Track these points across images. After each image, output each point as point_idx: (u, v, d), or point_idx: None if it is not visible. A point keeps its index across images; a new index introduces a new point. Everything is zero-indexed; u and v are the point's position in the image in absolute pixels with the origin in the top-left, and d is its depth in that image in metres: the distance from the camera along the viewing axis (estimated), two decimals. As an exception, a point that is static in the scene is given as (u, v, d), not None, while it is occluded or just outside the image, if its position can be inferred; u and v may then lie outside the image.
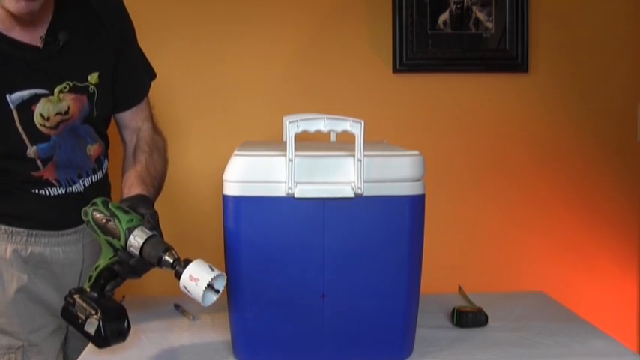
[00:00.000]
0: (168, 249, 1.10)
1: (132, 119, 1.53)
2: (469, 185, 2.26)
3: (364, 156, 1.13)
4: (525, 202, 2.27)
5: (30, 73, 1.34)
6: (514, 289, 1.95)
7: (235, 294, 1.18)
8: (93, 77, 1.41)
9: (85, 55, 1.40)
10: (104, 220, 1.15)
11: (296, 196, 1.13)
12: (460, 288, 1.64)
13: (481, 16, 2.20)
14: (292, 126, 1.12)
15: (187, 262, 1.07)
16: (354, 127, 1.13)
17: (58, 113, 1.37)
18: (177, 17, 2.13)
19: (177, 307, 1.54)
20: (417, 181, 1.18)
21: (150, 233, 1.12)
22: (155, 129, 1.56)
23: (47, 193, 1.42)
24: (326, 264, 1.16)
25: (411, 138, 2.15)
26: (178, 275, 1.06)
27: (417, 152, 1.20)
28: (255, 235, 1.15)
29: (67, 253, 1.48)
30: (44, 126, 1.36)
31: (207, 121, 2.19)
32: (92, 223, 1.17)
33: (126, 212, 1.15)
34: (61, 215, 1.45)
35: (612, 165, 2.28)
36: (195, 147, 2.17)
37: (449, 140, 2.24)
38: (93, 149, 1.48)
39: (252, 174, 1.15)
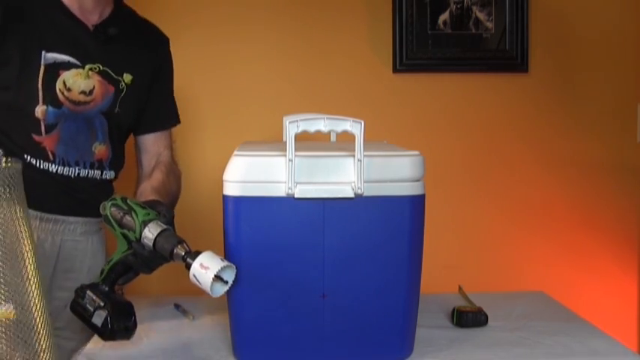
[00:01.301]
0: (180, 242, 1.12)
1: (154, 143, 1.58)
2: (469, 185, 2.26)
3: (364, 156, 1.13)
4: (525, 202, 2.27)
5: (72, 43, 1.44)
6: (514, 289, 1.95)
7: (235, 294, 1.18)
8: (127, 77, 1.49)
9: (125, 55, 1.50)
10: (121, 214, 1.18)
11: (296, 196, 1.13)
12: (460, 288, 1.64)
13: (481, 16, 2.20)
14: (292, 126, 1.12)
15: (198, 253, 1.09)
16: (354, 127, 1.13)
17: (82, 92, 1.43)
18: (177, 19, 2.13)
19: (177, 307, 1.54)
20: (417, 181, 1.18)
21: (164, 227, 1.15)
22: (174, 159, 1.61)
23: (37, 164, 1.42)
24: (326, 264, 1.16)
25: (411, 138, 2.14)
26: (189, 267, 1.08)
27: (417, 152, 1.20)
28: (255, 235, 1.15)
29: (40, 242, 1.44)
30: (62, 94, 1.41)
31: (207, 122, 2.19)
32: (109, 217, 1.19)
33: (143, 207, 1.18)
34: (41, 193, 1.37)
35: (612, 165, 2.28)
36: (195, 147, 2.17)
37: (449, 140, 2.24)
38: (99, 149, 1.49)
39: (252, 174, 1.15)
